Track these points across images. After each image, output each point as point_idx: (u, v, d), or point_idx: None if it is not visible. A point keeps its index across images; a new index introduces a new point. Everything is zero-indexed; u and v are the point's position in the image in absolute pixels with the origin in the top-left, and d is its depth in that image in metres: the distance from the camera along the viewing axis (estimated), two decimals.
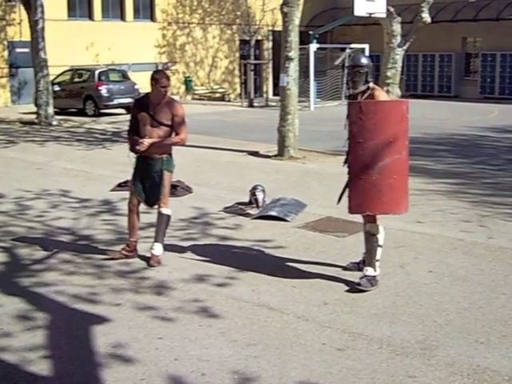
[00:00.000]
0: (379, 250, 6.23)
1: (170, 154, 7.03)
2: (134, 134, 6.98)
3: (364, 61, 6.38)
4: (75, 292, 6.11)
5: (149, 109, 6.84)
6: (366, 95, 6.30)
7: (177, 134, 6.91)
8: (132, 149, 7.02)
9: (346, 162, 6.35)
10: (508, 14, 30.85)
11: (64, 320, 5.53)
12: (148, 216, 8.91)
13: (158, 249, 6.99)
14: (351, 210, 6.19)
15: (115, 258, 7.00)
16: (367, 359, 4.77)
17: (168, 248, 7.44)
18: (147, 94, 6.98)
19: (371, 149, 5.90)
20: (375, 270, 6.20)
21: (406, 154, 6.07)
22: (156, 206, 7.10)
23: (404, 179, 6.11)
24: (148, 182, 7.00)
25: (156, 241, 7.03)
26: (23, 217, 8.95)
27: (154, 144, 6.83)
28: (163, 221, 7.06)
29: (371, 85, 6.36)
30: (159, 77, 6.78)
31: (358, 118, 5.96)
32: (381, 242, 6.21)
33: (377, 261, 6.22)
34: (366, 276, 6.16)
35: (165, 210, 7.03)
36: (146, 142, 6.81)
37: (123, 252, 7.06)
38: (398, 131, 5.94)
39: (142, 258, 7.06)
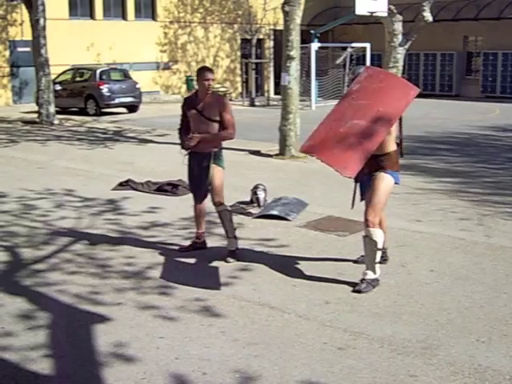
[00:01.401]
0: (378, 254, 6.21)
1: (221, 150, 7.07)
2: (185, 131, 7.06)
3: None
4: (77, 291, 6.12)
5: (197, 105, 6.92)
6: None
7: (224, 129, 6.92)
8: (183, 146, 7.06)
9: None
10: (510, 12, 30.81)
11: (65, 319, 5.53)
12: (152, 215, 8.93)
13: (232, 244, 7.08)
14: (302, 149, 6.13)
15: (188, 250, 7.24)
16: (368, 358, 4.78)
17: (170, 247, 7.46)
18: (196, 91, 7.07)
19: (357, 106, 5.83)
20: (375, 273, 6.20)
21: (384, 133, 5.83)
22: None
23: (366, 149, 5.73)
24: (199, 178, 7.05)
25: (228, 237, 7.11)
26: (26, 216, 8.95)
27: (203, 139, 6.88)
28: (225, 217, 7.10)
29: None
30: (202, 71, 6.93)
31: (364, 80, 5.92)
32: (379, 246, 6.20)
33: (376, 263, 6.21)
34: (365, 280, 6.16)
35: (221, 207, 7.08)
36: (195, 137, 6.86)
37: (193, 244, 7.31)
38: (391, 106, 5.84)
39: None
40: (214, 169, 6.97)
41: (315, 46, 27.99)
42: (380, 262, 6.35)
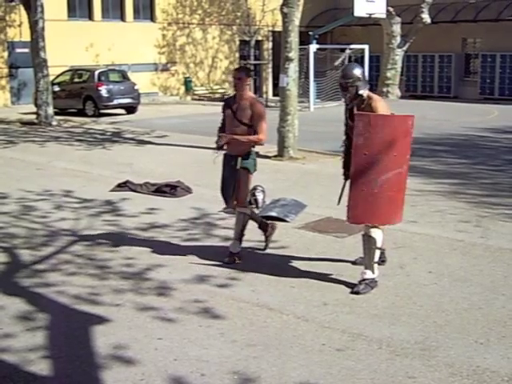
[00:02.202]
0: (377, 253, 6.24)
1: (249, 153, 7.04)
2: (223, 131, 7.11)
3: (351, 75, 6.30)
4: (76, 292, 6.12)
5: (232, 106, 6.94)
6: (364, 105, 6.29)
7: (255, 133, 6.92)
8: (217, 145, 7.09)
9: (344, 166, 6.45)
10: (508, 14, 30.85)
11: (64, 320, 5.54)
12: (150, 217, 8.94)
13: (235, 246, 7.09)
14: (350, 220, 6.29)
15: (266, 246, 7.38)
16: (367, 360, 4.78)
17: (168, 248, 7.46)
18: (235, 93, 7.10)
19: (376, 162, 5.97)
20: (373, 273, 6.21)
21: (407, 168, 6.18)
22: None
23: (402, 192, 6.22)
24: (227, 180, 7.07)
25: (234, 238, 7.13)
26: (25, 217, 8.95)
27: (232, 140, 6.90)
28: (239, 220, 7.10)
29: (366, 94, 6.32)
30: (234, 70, 7.05)
31: (365, 131, 5.96)
32: (378, 245, 6.23)
33: (375, 263, 6.23)
34: (364, 280, 6.16)
35: (241, 209, 7.08)
36: (224, 136, 6.89)
37: (267, 236, 7.39)
38: (402, 146, 6.03)
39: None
40: (241, 172, 6.96)
41: (314, 47, 28.01)
42: (378, 264, 6.37)
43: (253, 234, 8.00)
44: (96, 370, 4.66)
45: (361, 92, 6.28)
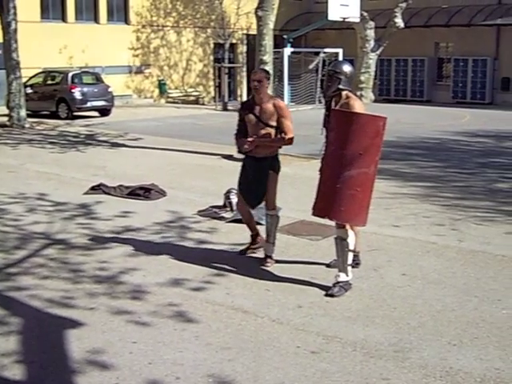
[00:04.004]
0: (350, 255, 6.27)
1: (277, 155, 7.05)
2: (242, 136, 7.06)
3: (340, 68, 6.44)
4: (49, 296, 6.07)
5: (254, 110, 6.90)
6: (341, 103, 6.36)
7: (281, 134, 6.90)
8: (239, 149, 7.07)
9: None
10: (480, 19, 31.23)
11: (37, 325, 5.49)
12: (125, 220, 8.89)
13: (270, 249, 7.11)
14: (313, 213, 6.31)
15: (246, 252, 7.34)
16: (341, 362, 4.80)
17: (142, 252, 7.43)
18: (253, 95, 7.05)
19: (340, 157, 5.97)
20: (347, 275, 6.24)
21: (374, 170, 6.10)
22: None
23: (367, 193, 6.12)
24: (254, 183, 7.02)
25: (267, 241, 7.14)
26: None
27: (261, 143, 6.87)
28: (274, 221, 7.13)
29: (346, 93, 6.40)
30: (253, 73, 6.98)
31: (336, 126, 6.02)
32: (351, 247, 6.25)
33: (349, 265, 6.26)
34: (338, 282, 6.19)
35: (274, 211, 7.12)
36: (253, 141, 6.86)
37: (252, 247, 7.36)
38: (369, 145, 5.97)
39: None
40: (271, 175, 6.97)
41: (288, 50, 28.13)
42: (352, 266, 6.41)
43: (227, 237, 8.00)
44: (70, 374, 4.62)
45: (341, 87, 6.36)
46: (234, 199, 9.25)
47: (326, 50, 30.46)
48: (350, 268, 6.28)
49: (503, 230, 8.45)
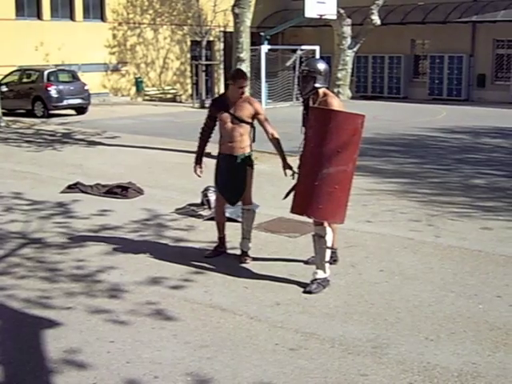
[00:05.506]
0: (328, 252, 6.28)
1: (251, 151, 7.08)
2: (209, 133, 7.16)
3: (314, 66, 6.47)
4: (26, 296, 6.02)
5: (228, 107, 6.89)
6: (319, 101, 6.38)
7: (266, 131, 6.93)
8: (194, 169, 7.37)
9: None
10: (455, 17, 31.42)
11: (14, 325, 5.44)
12: (102, 218, 8.84)
13: (246, 245, 7.13)
14: (292, 210, 6.33)
15: (211, 256, 7.16)
16: (319, 358, 4.82)
17: (120, 250, 7.40)
18: (224, 92, 7.06)
19: (319, 155, 5.99)
20: (325, 272, 6.26)
21: (353, 168, 6.12)
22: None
23: (345, 191, 6.14)
24: (233, 181, 7.03)
25: (244, 237, 7.15)
26: None
27: (237, 141, 6.90)
28: (249, 217, 7.17)
29: (323, 91, 6.43)
30: (237, 77, 6.91)
31: (315, 123, 6.03)
32: (329, 244, 6.26)
33: (326, 262, 6.27)
34: (316, 279, 6.20)
35: (250, 206, 7.16)
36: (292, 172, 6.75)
37: (218, 249, 7.28)
38: (347, 143, 5.98)
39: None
40: (248, 171, 7.02)
41: (265, 48, 28.11)
42: (330, 263, 6.42)
43: (205, 235, 7.99)
44: (47, 374, 4.59)
45: (317, 85, 6.38)
46: (212, 197, 9.23)
47: (303, 47, 30.49)
48: (327, 265, 6.29)
49: (479, 225, 8.52)
